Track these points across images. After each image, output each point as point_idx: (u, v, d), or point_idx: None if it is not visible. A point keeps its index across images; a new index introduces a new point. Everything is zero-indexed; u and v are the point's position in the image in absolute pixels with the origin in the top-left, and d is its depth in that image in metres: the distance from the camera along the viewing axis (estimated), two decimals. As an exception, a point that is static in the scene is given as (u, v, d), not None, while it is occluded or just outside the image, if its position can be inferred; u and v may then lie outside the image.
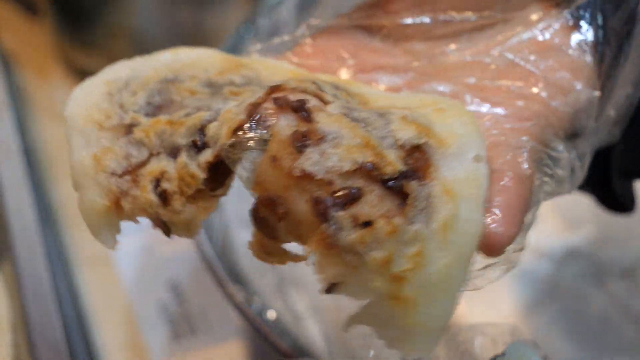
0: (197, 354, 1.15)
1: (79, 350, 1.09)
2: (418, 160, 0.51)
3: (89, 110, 0.56)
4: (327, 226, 0.49)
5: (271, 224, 0.51)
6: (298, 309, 1.00)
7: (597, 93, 0.62)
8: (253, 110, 0.53)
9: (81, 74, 1.50)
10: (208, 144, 0.54)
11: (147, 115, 0.57)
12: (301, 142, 0.50)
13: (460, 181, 0.52)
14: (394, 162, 0.50)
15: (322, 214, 0.49)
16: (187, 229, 0.54)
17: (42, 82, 1.53)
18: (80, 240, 1.28)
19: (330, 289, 0.50)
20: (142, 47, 1.45)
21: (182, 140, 0.55)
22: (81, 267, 1.25)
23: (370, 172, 0.50)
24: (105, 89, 0.57)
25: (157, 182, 0.54)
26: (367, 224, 0.49)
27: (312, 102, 0.53)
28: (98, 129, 0.55)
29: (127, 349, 1.15)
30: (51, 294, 1.00)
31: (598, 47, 0.64)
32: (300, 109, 0.52)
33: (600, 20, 0.65)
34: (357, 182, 0.50)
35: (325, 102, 0.55)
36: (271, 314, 0.91)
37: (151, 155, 0.55)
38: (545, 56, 0.64)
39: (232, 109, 0.54)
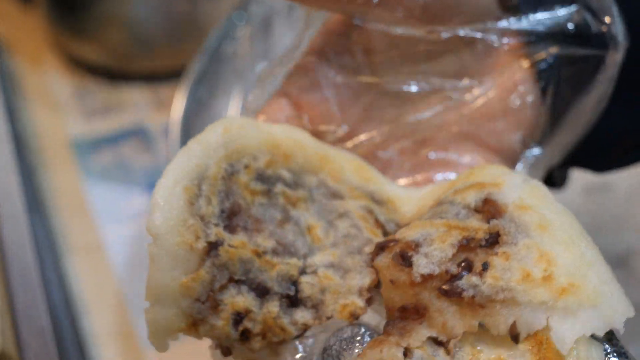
0: (187, 341, 1.12)
1: (67, 337, 1.09)
2: (491, 209, 0.59)
3: (179, 228, 0.56)
4: (467, 294, 0.54)
5: (404, 325, 0.56)
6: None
7: (545, 151, 0.67)
8: (369, 298, 0.59)
9: (74, 62, 1.50)
10: (303, 302, 0.58)
11: (225, 228, 0.58)
12: (403, 259, 0.56)
13: (527, 197, 0.59)
14: (480, 227, 0.57)
15: (455, 292, 0.55)
16: (250, 359, 0.58)
17: (35, 70, 1.53)
18: (71, 228, 1.28)
19: (515, 336, 0.54)
20: (136, 35, 1.46)
21: (273, 285, 0.58)
22: (71, 255, 1.24)
23: (468, 245, 0.56)
24: (185, 196, 0.57)
25: (238, 316, 0.56)
26: (486, 265, 0.55)
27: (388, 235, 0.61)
28: (189, 250, 0.56)
29: (117, 337, 1.15)
30: (38, 281, 0.99)
31: (552, 100, 0.69)
32: (386, 245, 0.59)
33: (557, 76, 0.69)
34: (463, 257, 0.56)
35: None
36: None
37: (231, 279, 0.57)
38: (500, 117, 0.69)
39: (331, 276, 0.59)
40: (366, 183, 0.67)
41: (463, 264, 0.56)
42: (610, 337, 0.54)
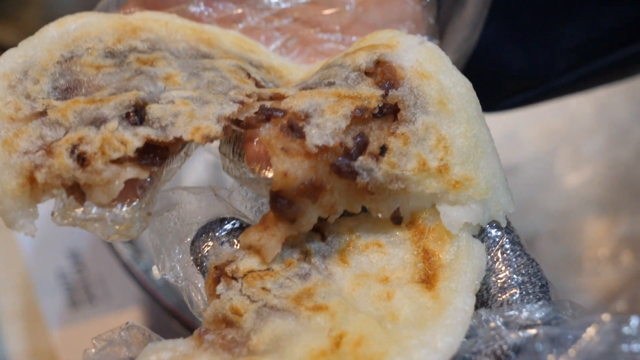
0: (94, 322, 1.14)
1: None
2: (385, 72, 0.56)
3: None
4: (361, 179, 0.52)
5: (297, 209, 0.53)
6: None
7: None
8: (227, 129, 0.54)
9: (-10, 42, 1.46)
10: (148, 123, 0.54)
11: (58, 99, 0.56)
12: (293, 129, 0.53)
13: (425, 61, 0.57)
14: (372, 94, 0.55)
15: (350, 173, 0.52)
16: (106, 191, 0.53)
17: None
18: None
19: (397, 220, 0.54)
20: (55, 16, 1.43)
21: (110, 111, 0.54)
22: (-23, 233, 1.23)
23: (362, 117, 0.54)
24: (4, 83, 0.56)
25: (74, 147, 0.53)
26: (384, 149, 0.53)
27: (270, 102, 0.56)
28: (9, 122, 0.54)
29: (22, 317, 1.14)
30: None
31: None
32: (269, 116, 0.54)
33: None
34: (358, 130, 0.54)
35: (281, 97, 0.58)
36: (156, 273, 0.93)
37: (67, 132, 0.54)
38: (389, 8, 0.67)
39: (188, 102, 0.55)
40: (246, 52, 0.65)
41: (358, 139, 0.54)
42: (508, 225, 0.55)
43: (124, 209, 0.54)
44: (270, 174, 0.54)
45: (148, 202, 0.55)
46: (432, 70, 0.57)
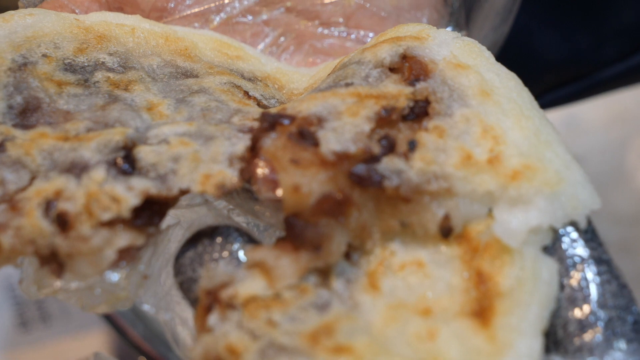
0: (49, 347, 1.08)
1: None
2: (413, 67, 0.52)
3: None
4: (390, 183, 0.47)
5: (320, 231, 0.47)
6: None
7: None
8: (245, 172, 0.49)
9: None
10: (142, 171, 0.48)
11: (17, 126, 0.50)
12: (304, 136, 0.48)
13: (461, 56, 0.53)
14: (400, 92, 0.51)
15: (373, 179, 0.47)
16: (94, 262, 0.46)
17: None
18: None
19: (447, 231, 0.48)
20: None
21: (92, 154, 0.48)
22: None
23: (388, 118, 0.50)
24: None
25: (49, 204, 0.46)
26: (413, 144, 0.49)
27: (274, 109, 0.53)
28: None
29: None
30: None
31: None
32: (273, 123, 0.50)
33: None
34: (383, 133, 0.49)
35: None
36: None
37: (34, 178, 0.48)
38: None
39: (188, 141, 0.50)
40: (231, 60, 0.60)
41: (384, 141, 0.49)
42: (590, 238, 0.47)
43: (116, 277, 0.48)
44: (280, 194, 0.48)
45: (146, 263, 0.49)
46: (470, 63, 0.53)
